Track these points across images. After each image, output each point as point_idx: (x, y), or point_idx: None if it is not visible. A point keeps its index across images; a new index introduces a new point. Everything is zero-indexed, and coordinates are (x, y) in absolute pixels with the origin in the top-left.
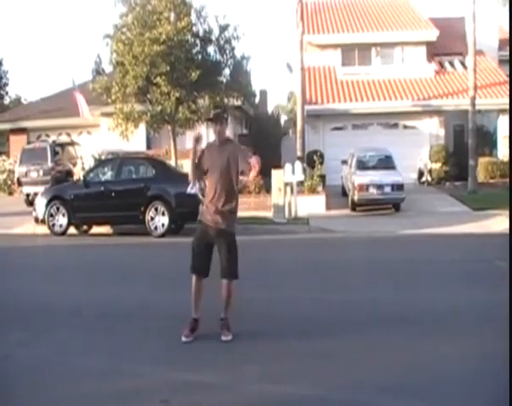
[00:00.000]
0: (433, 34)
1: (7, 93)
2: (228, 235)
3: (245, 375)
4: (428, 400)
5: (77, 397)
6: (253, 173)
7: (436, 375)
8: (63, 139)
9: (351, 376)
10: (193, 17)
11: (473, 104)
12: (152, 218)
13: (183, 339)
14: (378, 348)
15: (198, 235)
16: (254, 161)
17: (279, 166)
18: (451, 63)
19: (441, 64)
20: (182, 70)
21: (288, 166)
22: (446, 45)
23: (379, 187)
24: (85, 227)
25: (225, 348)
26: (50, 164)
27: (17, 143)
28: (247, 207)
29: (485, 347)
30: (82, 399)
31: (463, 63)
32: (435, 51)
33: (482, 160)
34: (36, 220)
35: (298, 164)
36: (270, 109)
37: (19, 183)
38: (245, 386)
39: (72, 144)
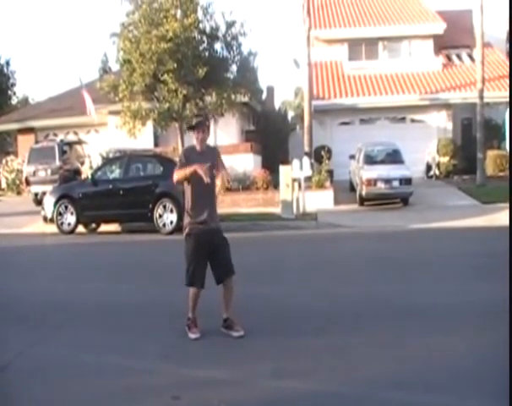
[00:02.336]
0: (440, 27)
1: (14, 93)
2: (221, 233)
3: (257, 371)
4: (443, 395)
5: (89, 394)
6: (220, 183)
7: (450, 370)
8: (71, 138)
9: (364, 372)
10: (200, 14)
11: (481, 97)
12: (160, 215)
13: (192, 336)
14: (392, 343)
15: (193, 247)
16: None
17: (286, 161)
18: (459, 56)
19: (448, 57)
20: (190, 67)
21: (296, 161)
22: (453, 38)
23: (387, 181)
24: (94, 225)
25: (236, 345)
26: (58, 163)
27: (25, 142)
28: (255, 203)
29: (498, 342)
30: (94, 396)
31: (470, 56)
32: (442, 44)
33: (491, 153)
34: (45, 219)
35: (306, 159)
36: (277, 105)
37: (28, 183)
38: (257, 382)
39: (79, 142)
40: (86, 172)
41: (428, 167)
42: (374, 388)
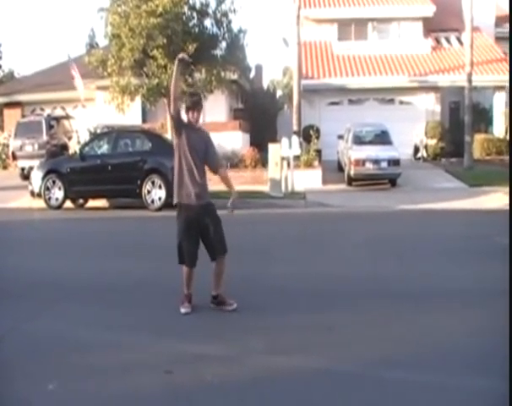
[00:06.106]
0: (429, 9)
1: (0, 67)
2: (212, 208)
3: (250, 346)
4: (437, 374)
5: (81, 369)
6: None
7: (444, 349)
8: (58, 112)
9: (358, 350)
10: None
11: (469, 80)
12: (149, 192)
13: (182, 310)
14: (383, 322)
15: (183, 225)
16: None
17: (274, 140)
18: (447, 40)
19: (437, 40)
20: (179, 43)
21: (285, 140)
22: (442, 21)
23: (376, 162)
24: (81, 200)
25: (229, 321)
26: (45, 138)
27: (11, 117)
28: (243, 181)
29: (490, 322)
30: (87, 371)
31: (459, 40)
32: (431, 27)
33: (478, 136)
34: (32, 194)
35: (295, 138)
36: (265, 84)
37: (14, 157)
38: (250, 358)
39: (67, 117)
40: (74, 148)
41: (416, 149)
42: (368, 366)
